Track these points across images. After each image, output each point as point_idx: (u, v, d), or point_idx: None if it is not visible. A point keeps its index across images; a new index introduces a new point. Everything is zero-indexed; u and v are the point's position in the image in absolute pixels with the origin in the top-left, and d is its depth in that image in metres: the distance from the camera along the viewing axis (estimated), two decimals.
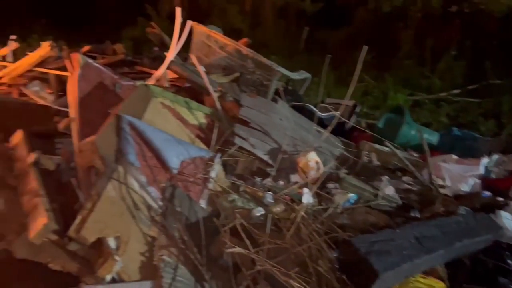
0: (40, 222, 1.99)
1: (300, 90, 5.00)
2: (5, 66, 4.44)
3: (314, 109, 4.42)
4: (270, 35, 9.02)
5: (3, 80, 4.24)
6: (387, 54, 7.86)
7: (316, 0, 9.54)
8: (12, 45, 4.89)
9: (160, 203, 2.65)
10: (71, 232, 2.11)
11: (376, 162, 3.99)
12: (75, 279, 2.19)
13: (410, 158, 4.03)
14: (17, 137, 2.84)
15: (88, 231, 2.17)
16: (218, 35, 4.71)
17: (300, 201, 3.06)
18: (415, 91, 7.16)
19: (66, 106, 4.10)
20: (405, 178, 3.74)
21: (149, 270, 2.35)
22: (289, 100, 4.37)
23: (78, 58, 3.07)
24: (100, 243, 2.21)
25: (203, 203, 2.93)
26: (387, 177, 3.61)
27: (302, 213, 2.79)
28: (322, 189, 3.24)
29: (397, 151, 3.95)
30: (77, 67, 3.04)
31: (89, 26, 9.39)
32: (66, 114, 4.04)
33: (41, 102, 4.20)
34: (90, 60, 3.18)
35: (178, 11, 3.98)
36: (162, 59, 5.44)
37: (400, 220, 3.11)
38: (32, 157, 2.53)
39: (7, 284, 2.14)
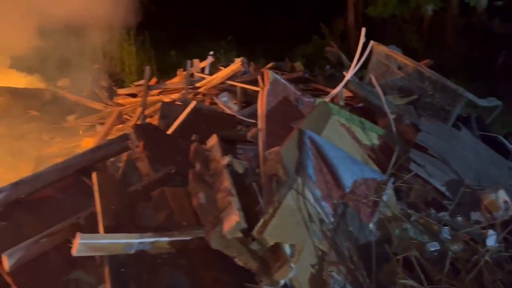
0: (233, 219, 2.23)
1: (488, 119, 4.53)
2: (203, 78, 5.15)
3: (506, 141, 3.95)
4: (449, 55, 8.40)
5: (200, 90, 4.90)
6: None
7: (508, 20, 8.53)
8: (210, 59, 5.63)
9: (332, 219, 2.70)
10: (255, 232, 2.30)
11: None
12: (252, 277, 2.39)
13: None
14: (213, 140, 3.24)
15: (269, 235, 2.34)
16: (398, 55, 4.60)
17: (482, 242, 2.77)
18: None
19: (248, 116, 4.54)
20: None
21: (318, 283, 2.41)
22: (475, 129, 3.99)
23: (268, 74, 3.36)
24: (277, 247, 2.36)
25: (373, 226, 2.88)
26: None
27: (487, 257, 2.51)
28: (510, 233, 2.87)
29: None
30: (267, 82, 3.33)
31: (266, 44, 10.17)
32: (248, 124, 4.46)
33: (228, 111, 4.71)
34: (278, 77, 3.44)
35: (363, 31, 4.02)
36: (335, 77, 5.58)
37: None
38: (225, 159, 2.85)
39: (196, 267, 2.45)
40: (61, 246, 2.52)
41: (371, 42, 4.29)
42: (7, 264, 2.39)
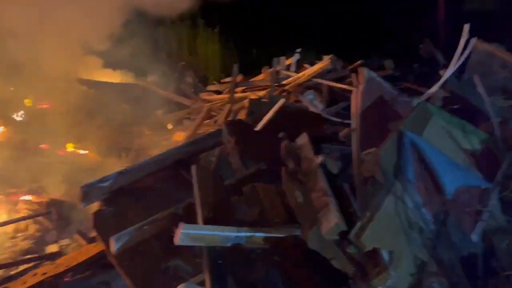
0: (332, 221, 2.19)
1: None
2: (289, 76, 5.15)
3: None
4: None
5: (286, 88, 4.90)
6: None
7: None
8: (296, 57, 5.61)
9: (432, 227, 2.55)
10: (352, 236, 2.24)
11: None
12: (346, 281, 2.33)
13: None
14: (303, 139, 3.21)
15: (367, 239, 2.27)
16: (502, 53, 4.24)
17: None
18: None
19: (334, 115, 4.44)
20: None
21: None
22: None
23: (364, 72, 3.26)
24: (375, 253, 2.28)
25: (476, 237, 2.68)
26: None
27: None
28: None
29: None
30: (362, 81, 3.23)
31: (350, 41, 9.87)
32: (334, 123, 4.37)
33: (313, 109, 4.64)
34: (374, 75, 3.32)
35: (466, 27, 3.75)
36: (426, 75, 5.27)
37: None
38: (318, 159, 2.81)
39: (289, 265, 2.45)
40: (161, 234, 2.64)
41: (473, 39, 3.98)
42: (113, 247, 2.56)
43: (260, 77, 5.76)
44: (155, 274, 2.54)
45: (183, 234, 2.27)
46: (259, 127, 3.84)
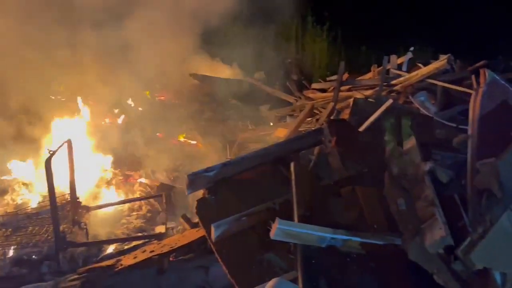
0: (438, 233, 2.04)
1: None
2: (399, 75, 4.89)
3: None
4: None
5: (396, 88, 4.66)
6: None
7: None
8: (408, 55, 5.31)
9: None
10: (460, 252, 2.07)
11: None
12: None
13: None
14: (410, 143, 3.02)
15: (476, 257, 2.07)
16: None
17: None
18: None
19: (448, 119, 4.11)
20: None
21: None
22: None
23: (486, 74, 2.95)
24: (485, 273, 2.07)
25: None
26: None
27: None
28: None
29: None
30: (483, 83, 2.93)
31: (469, 39, 9.04)
32: (447, 128, 4.05)
33: (424, 112, 4.36)
34: (498, 77, 2.99)
35: None
36: None
37: None
38: (426, 165, 2.63)
39: (386, 273, 2.34)
40: (258, 226, 2.71)
41: None
42: (213, 234, 2.70)
43: (367, 76, 5.57)
44: (249, 264, 2.62)
45: (279, 229, 2.30)
46: (363, 127, 3.72)
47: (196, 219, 3.61)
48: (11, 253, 3.61)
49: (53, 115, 5.12)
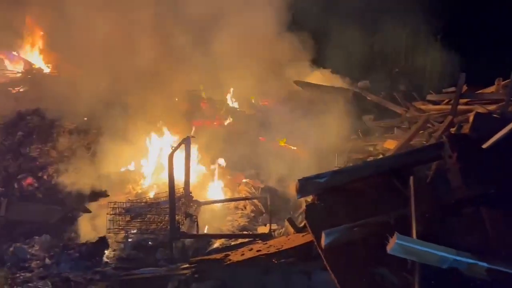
0: None
1: None
2: None
3: None
4: None
5: None
6: None
7: None
8: None
9: None
10: None
11: None
12: None
13: None
14: None
15: None
16: None
17: None
18: None
19: None
20: None
21: None
22: None
23: None
24: None
25: None
26: None
27: None
28: None
29: None
30: None
31: None
32: None
33: None
34: None
35: None
36: None
37: None
38: None
39: None
40: (370, 239, 2.65)
41: None
42: (323, 241, 2.70)
43: (490, 89, 5.13)
44: (360, 276, 2.57)
45: (397, 245, 2.23)
46: (487, 145, 3.45)
47: (302, 224, 3.66)
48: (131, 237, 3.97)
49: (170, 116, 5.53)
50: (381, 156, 4.68)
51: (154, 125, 5.44)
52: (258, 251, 3.36)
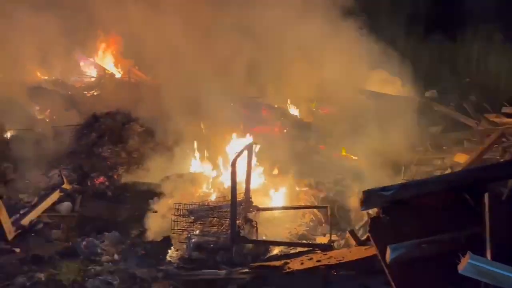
0: None
1: None
2: None
3: None
4: None
5: None
6: None
7: None
8: None
9: None
10: None
11: None
12: None
13: None
14: None
15: None
16: None
17: None
18: None
19: None
20: None
21: None
22: None
23: None
24: None
25: None
26: None
27: None
28: None
29: None
30: None
31: None
32: None
33: None
34: None
35: None
36: None
37: None
38: None
39: None
40: (439, 257, 2.54)
41: None
42: (389, 256, 2.63)
43: None
44: None
45: (469, 265, 2.12)
46: None
47: (365, 237, 3.58)
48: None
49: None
50: (450, 170, 4.47)
51: (219, 129, 5.57)
52: (318, 261, 3.34)
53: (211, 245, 4.03)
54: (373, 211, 3.30)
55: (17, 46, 7.10)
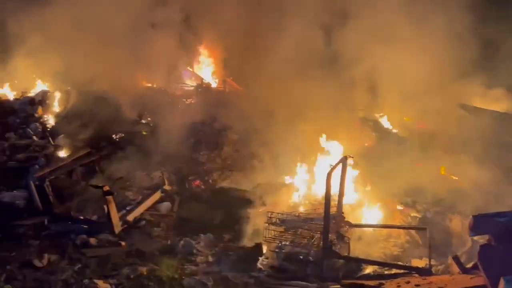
0: None
1: None
2: None
3: None
4: None
5: None
6: None
7: None
8: None
9: None
10: None
11: None
12: None
13: None
14: None
15: None
16: None
17: None
18: None
19: None
20: None
21: None
22: None
23: None
24: None
25: None
26: None
27: None
28: None
29: None
30: None
31: None
32: None
33: None
34: None
35: None
36: None
37: None
38: None
39: None
40: None
41: None
42: (502, 287, 2.41)
43: None
44: None
45: None
46: None
47: (470, 265, 3.32)
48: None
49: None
50: None
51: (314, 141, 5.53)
52: (416, 285, 3.16)
53: (301, 257, 4.01)
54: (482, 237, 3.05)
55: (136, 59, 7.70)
